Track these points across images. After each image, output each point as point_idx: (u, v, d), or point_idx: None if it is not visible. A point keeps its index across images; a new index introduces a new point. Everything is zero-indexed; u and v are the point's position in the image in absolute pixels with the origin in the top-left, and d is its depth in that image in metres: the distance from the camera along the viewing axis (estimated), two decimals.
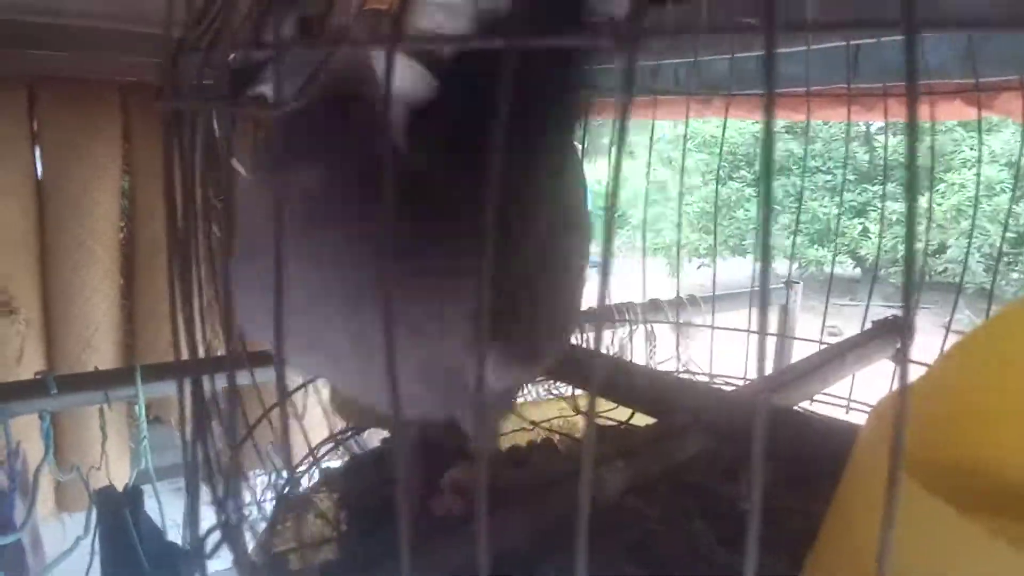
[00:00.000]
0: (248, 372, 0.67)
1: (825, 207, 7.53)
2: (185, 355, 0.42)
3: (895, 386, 0.77)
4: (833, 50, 1.34)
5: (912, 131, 0.23)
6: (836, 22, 1.12)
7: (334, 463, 0.71)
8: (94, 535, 0.95)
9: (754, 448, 0.24)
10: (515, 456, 0.75)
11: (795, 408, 0.74)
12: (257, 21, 0.39)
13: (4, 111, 1.90)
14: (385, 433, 0.78)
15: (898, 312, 0.96)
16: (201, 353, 0.43)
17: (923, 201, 6.74)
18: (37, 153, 2.00)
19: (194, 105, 0.41)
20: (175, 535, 1.09)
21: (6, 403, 0.87)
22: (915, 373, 0.80)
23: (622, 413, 0.77)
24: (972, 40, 1.17)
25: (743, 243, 7.84)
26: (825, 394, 0.80)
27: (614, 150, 0.24)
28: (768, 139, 0.24)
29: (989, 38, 1.16)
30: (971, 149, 6.90)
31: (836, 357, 0.79)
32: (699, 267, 7.90)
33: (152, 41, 2.13)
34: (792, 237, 2.47)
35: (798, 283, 1.36)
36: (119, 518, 0.89)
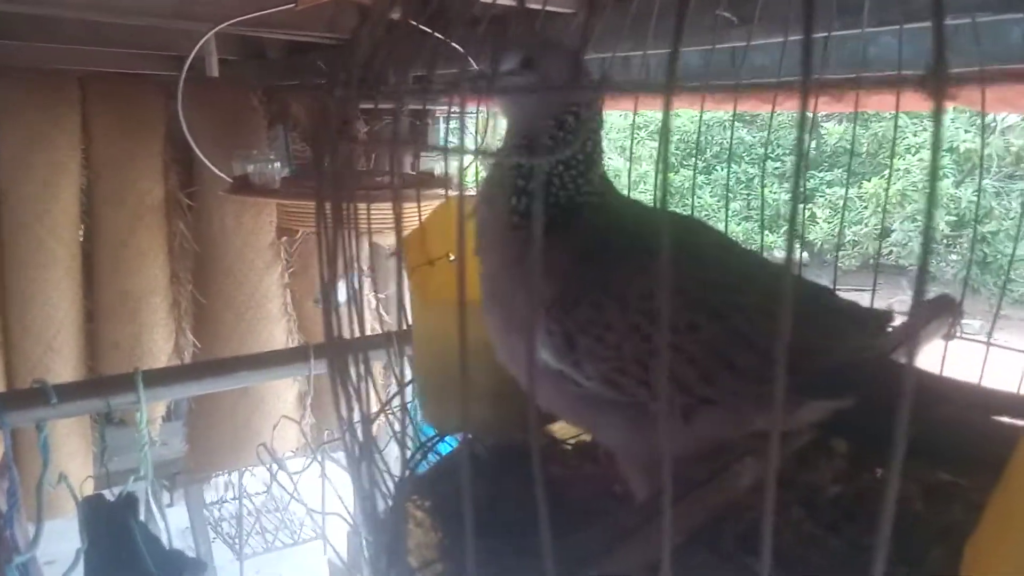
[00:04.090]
0: None
1: (775, 194, 7.67)
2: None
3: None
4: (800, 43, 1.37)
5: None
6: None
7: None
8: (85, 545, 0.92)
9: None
10: (588, 451, 0.77)
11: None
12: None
13: None
14: None
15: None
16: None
17: (870, 186, 6.91)
18: None
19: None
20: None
21: (3, 413, 0.83)
22: (969, 351, 0.83)
23: None
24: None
25: None
26: None
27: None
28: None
29: (954, 32, 1.19)
30: (914, 135, 7.10)
31: (908, 339, 0.80)
32: None
33: (115, 31, 2.07)
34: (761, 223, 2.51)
35: None
36: (114, 527, 0.86)
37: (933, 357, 0.78)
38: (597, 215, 0.61)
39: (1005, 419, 0.62)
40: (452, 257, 0.62)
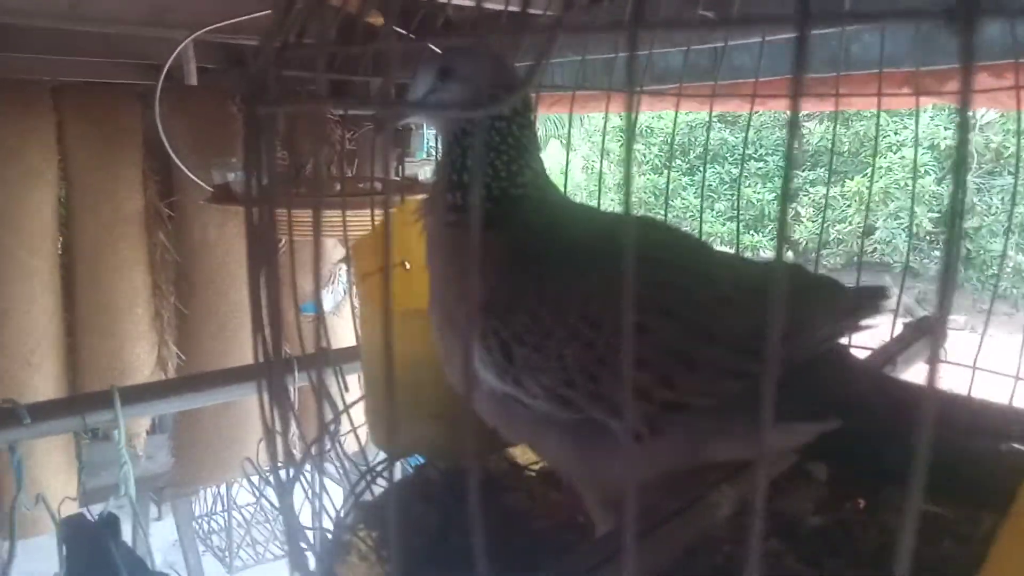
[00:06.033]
0: None
1: (758, 193, 7.70)
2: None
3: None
4: (780, 42, 1.36)
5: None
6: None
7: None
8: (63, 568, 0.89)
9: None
10: (551, 478, 0.74)
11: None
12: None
13: None
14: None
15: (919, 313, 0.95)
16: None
17: (853, 184, 6.94)
18: None
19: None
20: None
21: None
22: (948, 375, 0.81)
23: None
24: (919, 30, 1.20)
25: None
26: None
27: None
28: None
29: (939, 28, 1.19)
30: (895, 134, 7.15)
31: (888, 363, 0.77)
32: None
33: (89, 40, 2.04)
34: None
35: None
36: (94, 550, 0.83)
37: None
38: (537, 213, 0.59)
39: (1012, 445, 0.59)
40: (408, 265, 0.60)
